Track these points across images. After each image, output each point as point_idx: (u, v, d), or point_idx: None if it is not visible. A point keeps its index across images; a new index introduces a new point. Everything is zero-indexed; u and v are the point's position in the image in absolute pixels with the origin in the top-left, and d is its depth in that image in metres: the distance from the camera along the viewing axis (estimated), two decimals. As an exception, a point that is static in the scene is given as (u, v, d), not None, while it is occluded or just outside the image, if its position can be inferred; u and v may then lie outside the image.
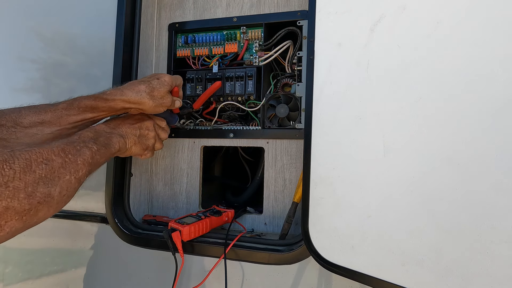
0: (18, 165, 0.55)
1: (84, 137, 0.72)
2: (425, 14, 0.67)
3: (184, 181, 1.03)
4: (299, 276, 0.82)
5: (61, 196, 0.61)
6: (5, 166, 0.53)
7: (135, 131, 0.86)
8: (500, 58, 0.62)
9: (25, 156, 0.57)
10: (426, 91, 0.67)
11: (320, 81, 0.75)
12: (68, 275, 1.06)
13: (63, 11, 1.12)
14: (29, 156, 0.57)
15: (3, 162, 0.53)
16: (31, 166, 0.57)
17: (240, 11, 0.99)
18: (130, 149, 0.85)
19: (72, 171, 0.64)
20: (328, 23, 0.76)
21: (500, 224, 0.60)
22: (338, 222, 0.72)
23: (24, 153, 0.57)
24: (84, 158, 0.67)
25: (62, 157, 0.63)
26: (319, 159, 0.74)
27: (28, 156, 0.57)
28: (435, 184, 0.65)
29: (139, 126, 0.87)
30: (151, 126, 0.89)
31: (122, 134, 0.83)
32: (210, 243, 0.86)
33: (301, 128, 0.89)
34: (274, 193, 0.94)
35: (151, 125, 0.90)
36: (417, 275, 0.65)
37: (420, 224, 0.66)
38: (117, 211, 0.95)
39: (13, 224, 0.54)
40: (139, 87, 0.82)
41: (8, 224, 0.53)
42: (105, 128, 0.80)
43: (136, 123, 0.87)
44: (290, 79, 0.95)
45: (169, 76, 0.86)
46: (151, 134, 0.90)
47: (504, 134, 0.61)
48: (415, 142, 0.67)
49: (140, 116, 0.89)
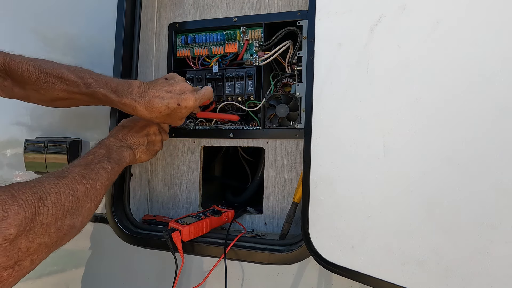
0: (50, 201, 0.55)
1: (99, 156, 0.73)
2: (425, 14, 0.67)
3: (184, 181, 1.03)
4: (299, 276, 0.82)
5: (82, 225, 0.63)
6: (40, 204, 0.53)
7: (142, 140, 0.86)
8: (500, 58, 0.62)
9: (55, 190, 0.57)
10: (426, 91, 0.67)
11: (320, 81, 0.75)
12: (68, 275, 1.06)
13: (63, 11, 1.12)
14: (58, 189, 0.58)
15: (38, 200, 0.53)
16: (60, 199, 0.57)
17: (240, 11, 0.99)
18: (139, 158, 0.86)
19: (93, 198, 0.65)
20: (328, 23, 0.76)
21: (500, 224, 0.60)
22: (338, 222, 0.72)
23: (53, 187, 0.57)
24: (101, 182, 0.68)
25: (84, 185, 0.63)
26: (319, 159, 0.74)
27: (57, 190, 0.58)
28: (435, 184, 0.65)
29: (146, 133, 0.87)
30: (157, 131, 0.89)
31: (131, 145, 0.83)
32: (210, 243, 0.86)
33: (301, 128, 0.89)
34: (274, 193, 0.94)
35: (157, 130, 0.90)
36: (417, 275, 0.65)
37: (420, 224, 0.66)
38: (117, 211, 0.95)
39: (42, 256, 0.55)
40: (161, 104, 0.78)
41: (39, 257, 0.54)
42: (115, 142, 0.80)
43: (142, 130, 0.87)
44: (290, 79, 0.95)
45: (194, 100, 0.81)
46: (158, 139, 0.90)
47: (504, 134, 0.61)
48: (415, 142, 0.67)
49: (144, 122, 0.88)
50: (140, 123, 0.88)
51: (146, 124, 0.88)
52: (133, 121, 0.89)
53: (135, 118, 0.89)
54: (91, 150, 0.76)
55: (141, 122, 0.88)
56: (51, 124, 1.10)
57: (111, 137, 0.83)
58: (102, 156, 0.74)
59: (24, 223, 0.50)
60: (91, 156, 0.73)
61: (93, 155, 0.73)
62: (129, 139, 0.84)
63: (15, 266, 0.50)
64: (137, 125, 0.87)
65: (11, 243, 0.48)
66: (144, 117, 0.79)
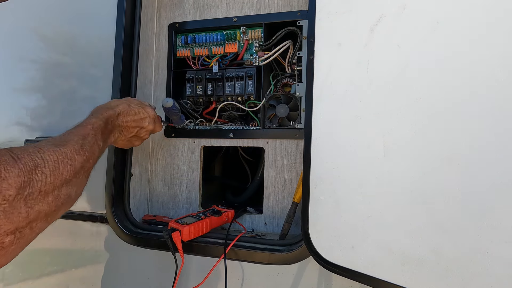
0: (48, 169, 0.55)
1: (96, 129, 0.72)
2: (425, 14, 0.67)
3: (184, 181, 1.03)
4: (299, 276, 0.82)
5: (76, 196, 0.63)
6: (37, 171, 0.53)
7: (132, 131, 0.86)
8: (500, 58, 0.62)
9: (54, 157, 0.57)
10: (426, 91, 0.67)
11: (320, 81, 0.75)
12: (68, 275, 1.06)
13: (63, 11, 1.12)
14: (57, 157, 0.58)
15: (35, 168, 0.53)
16: (59, 168, 0.57)
17: (240, 11, 0.99)
18: (115, 142, 0.85)
19: (85, 170, 0.65)
20: (328, 23, 0.76)
21: (500, 224, 0.60)
22: (338, 222, 0.72)
23: (52, 155, 0.57)
24: (94, 156, 0.68)
25: (81, 155, 0.63)
26: (319, 159, 0.74)
27: (56, 158, 0.58)
28: (435, 184, 0.65)
29: (139, 128, 0.87)
30: (148, 132, 0.90)
31: (121, 129, 0.83)
32: (210, 243, 0.86)
33: (301, 128, 0.89)
34: (274, 193, 0.94)
35: (149, 131, 0.90)
36: (417, 275, 0.65)
37: (420, 224, 0.66)
38: (117, 211, 0.95)
39: (41, 225, 0.55)
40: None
41: (37, 225, 0.54)
42: (114, 120, 0.80)
43: (137, 125, 0.86)
44: (290, 79, 0.95)
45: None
46: (145, 136, 0.90)
47: (504, 134, 0.61)
48: (415, 142, 0.67)
49: (145, 115, 0.87)
50: (141, 115, 0.86)
51: (146, 118, 0.87)
52: (138, 107, 0.87)
53: (141, 104, 0.88)
54: (91, 119, 0.74)
55: (143, 114, 0.87)
56: (51, 124, 1.10)
57: (112, 110, 0.80)
58: (98, 130, 0.72)
59: (23, 187, 0.50)
60: (90, 127, 0.71)
61: (91, 127, 0.71)
62: (125, 123, 0.83)
63: (16, 232, 0.50)
64: (138, 114, 0.86)
65: (10, 204, 0.49)
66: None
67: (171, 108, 0.90)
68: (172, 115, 0.94)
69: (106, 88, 0.97)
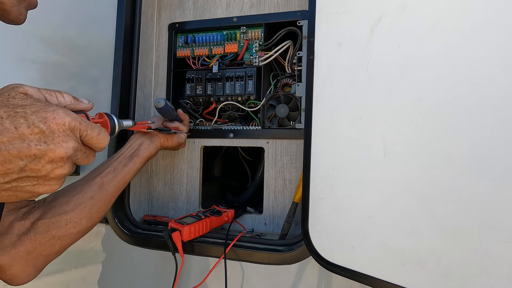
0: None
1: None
2: (425, 14, 0.67)
3: (184, 181, 1.03)
4: (299, 276, 0.82)
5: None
6: None
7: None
8: (500, 58, 0.62)
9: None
10: (426, 91, 0.67)
11: (320, 81, 0.75)
12: (68, 275, 1.06)
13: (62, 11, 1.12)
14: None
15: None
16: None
17: (240, 11, 0.99)
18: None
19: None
20: (328, 23, 0.76)
21: (500, 224, 0.60)
22: (338, 222, 0.72)
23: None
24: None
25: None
26: (319, 159, 0.74)
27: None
28: (435, 184, 0.65)
29: (18, 160, 0.43)
30: (60, 162, 0.44)
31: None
32: (210, 243, 0.86)
33: (301, 128, 0.89)
34: (274, 193, 0.94)
35: (59, 158, 0.43)
36: (417, 275, 0.65)
37: (420, 224, 0.66)
38: (117, 211, 0.95)
39: None
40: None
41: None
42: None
43: (11, 158, 0.42)
44: (290, 79, 0.95)
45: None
46: (54, 171, 0.46)
47: (504, 134, 0.61)
48: (415, 142, 0.67)
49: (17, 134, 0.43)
50: (12, 132, 0.40)
51: (32, 134, 0.41)
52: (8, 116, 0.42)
53: (15, 107, 0.43)
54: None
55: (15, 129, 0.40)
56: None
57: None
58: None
59: None
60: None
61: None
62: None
63: None
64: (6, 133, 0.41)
65: None
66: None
67: (164, 108, 0.88)
68: (167, 116, 0.92)
69: (106, 88, 0.97)
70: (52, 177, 0.42)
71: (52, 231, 0.67)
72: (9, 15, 0.63)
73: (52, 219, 0.67)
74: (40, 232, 0.65)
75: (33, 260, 0.66)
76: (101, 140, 0.46)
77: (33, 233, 0.65)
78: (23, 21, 0.69)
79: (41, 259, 0.67)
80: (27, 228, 0.65)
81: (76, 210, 0.70)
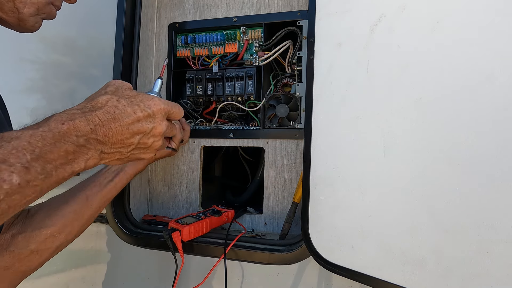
0: None
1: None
2: (425, 14, 0.67)
3: (184, 181, 1.03)
4: (299, 276, 0.82)
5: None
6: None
7: (127, 143, 0.60)
8: (500, 58, 0.62)
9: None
10: (426, 91, 0.67)
11: (320, 81, 0.75)
12: (68, 275, 1.06)
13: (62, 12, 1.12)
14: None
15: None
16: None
17: (240, 11, 0.99)
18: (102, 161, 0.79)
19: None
20: (328, 23, 0.76)
21: (500, 224, 0.60)
22: (338, 222, 0.72)
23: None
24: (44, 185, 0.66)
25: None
26: (319, 159, 0.74)
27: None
28: (435, 184, 0.65)
29: (139, 134, 0.59)
30: (160, 137, 0.62)
31: (104, 146, 0.60)
32: (210, 243, 0.86)
33: (301, 128, 0.89)
34: (274, 193, 0.94)
35: (160, 134, 0.62)
36: (417, 275, 0.65)
37: (420, 224, 0.66)
38: (117, 211, 0.95)
39: None
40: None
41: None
42: (86, 132, 0.58)
43: (134, 132, 0.59)
44: (290, 79, 0.95)
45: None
46: (155, 144, 0.63)
47: (504, 133, 0.61)
48: (415, 142, 0.67)
49: (141, 116, 0.60)
50: (139, 114, 0.57)
51: (148, 117, 0.58)
52: (132, 101, 0.57)
53: (137, 96, 0.58)
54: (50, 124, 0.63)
55: (141, 111, 0.57)
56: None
57: (84, 118, 0.53)
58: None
59: None
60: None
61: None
62: (110, 137, 0.57)
63: None
64: (133, 115, 0.57)
65: None
66: None
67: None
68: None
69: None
70: (153, 147, 0.59)
71: (31, 246, 0.65)
72: (25, 24, 0.67)
73: (32, 233, 0.66)
74: (20, 248, 0.64)
75: (10, 276, 0.65)
76: (181, 112, 0.63)
77: (13, 248, 0.64)
78: (37, 29, 0.70)
79: (18, 275, 0.66)
80: (7, 242, 0.63)
81: (57, 224, 0.69)
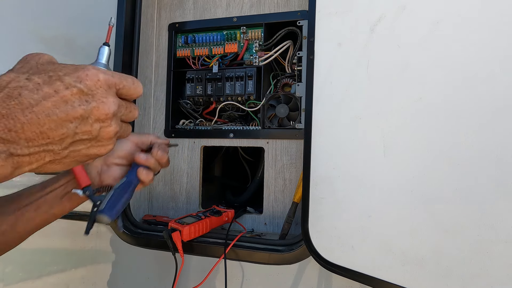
0: None
1: None
2: (425, 14, 0.68)
3: (184, 181, 1.03)
4: (299, 276, 0.82)
5: None
6: None
7: (61, 139, 0.47)
8: (500, 58, 0.62)
9: None
10: (426, 91, 0.67)
11: (320, 81, 0.75)
12: (68, 275, 1.06)
13: (63, 12, 1.12)
14: None
15: None
16: None
17: (240, 11, 0.99)
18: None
19: None
20: (328, 23, 0.76)
21: (500, 224, 0.60)
22: (338, 222, 0.72)
23: None
24: None
25: None
26: (319, 159, 0.74)
27: None
28: (435, 184, 0.65)
29: (77, 120, 0.47)
30: (110, 120, 0.48)
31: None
32: (210, 243, 0.86)
33: (301, 128, 0.89)
34: (274, 193, 0.94)
35: (110, 116, 0.48)
36: (417, 275, 0.65)
37: (420, 224, 0.66)
38: (117, 211, 0.95)
39: None
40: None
41: None
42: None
43: (68, 118, 0.47)
44: (290, 79, 0.95)
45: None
46: (109, 130, 0.50)
47: (504, 133, 0.61)
48: (415, 142, 0.67)
49: (69, 94, 0.46)
50: (64, 92, 0.43)
51: (85, 95, 0.43)
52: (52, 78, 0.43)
53: (58, 69, 0.44)
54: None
55: (67, 89, 0.44)
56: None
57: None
58: None
59: None
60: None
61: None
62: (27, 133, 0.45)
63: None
64: (56, 95, 0.43)
65: None
66: None
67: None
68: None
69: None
70: (103, 136, 0.43)
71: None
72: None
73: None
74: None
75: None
76: (138, 88, 0.46)
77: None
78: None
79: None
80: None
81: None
